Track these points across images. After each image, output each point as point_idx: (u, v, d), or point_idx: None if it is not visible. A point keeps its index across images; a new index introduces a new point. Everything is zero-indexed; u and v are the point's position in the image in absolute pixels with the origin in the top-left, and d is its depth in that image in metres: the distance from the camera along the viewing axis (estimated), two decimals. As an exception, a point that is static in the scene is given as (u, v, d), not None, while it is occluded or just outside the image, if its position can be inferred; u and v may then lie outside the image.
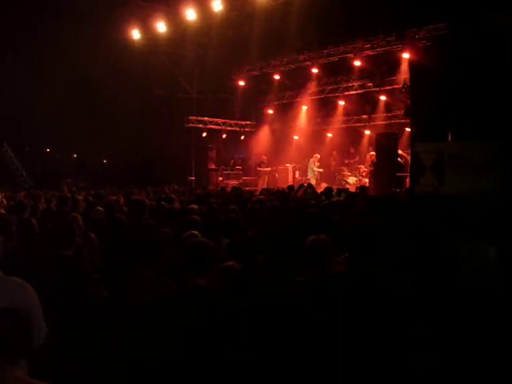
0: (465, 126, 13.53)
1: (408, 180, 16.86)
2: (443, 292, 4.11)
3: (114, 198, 12.14)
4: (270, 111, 26.70)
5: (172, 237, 5.60)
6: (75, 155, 32.16)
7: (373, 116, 23.47)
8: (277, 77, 23.69)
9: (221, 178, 24.90)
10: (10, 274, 3.33)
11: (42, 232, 5.96)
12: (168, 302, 3.88)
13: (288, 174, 24.99)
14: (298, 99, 24.86)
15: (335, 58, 21.11)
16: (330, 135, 25.94)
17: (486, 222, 5.41)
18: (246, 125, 27.31)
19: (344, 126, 25.03)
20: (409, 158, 17.40)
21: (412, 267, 4.58)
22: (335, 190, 12.71)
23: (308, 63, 21.94)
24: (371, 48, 19.43)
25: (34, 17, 21.42)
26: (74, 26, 20.17)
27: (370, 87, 21.78)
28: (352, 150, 24.96)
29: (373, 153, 21.12)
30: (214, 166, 24.78)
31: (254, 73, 24.37)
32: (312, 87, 23.39)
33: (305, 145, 25.79)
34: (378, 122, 23.11)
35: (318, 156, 23.66)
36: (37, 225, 5.97)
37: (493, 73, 12.99)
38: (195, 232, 5.63)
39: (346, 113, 24.73)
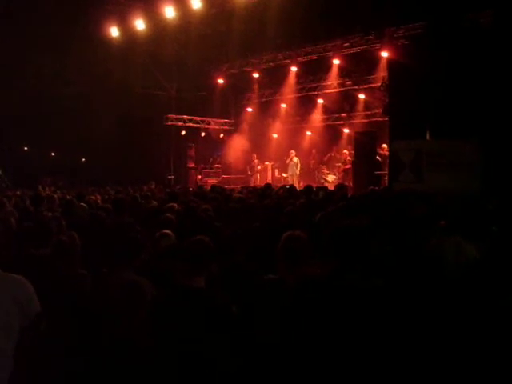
0: (443, 123, 13.62)
1: (386, 178, 16.95)
2: (430, 292, 3.99)
3: (93, 197, 12.04)
4: (250, 109, 26.60)
5: (147, 236, 5.49)
6: (53, 153, 31.84)
7: (352, 114, 23.50)
8: (256, 75, 23.70)
9: (200, 177, 24.86)
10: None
11: (19, 231, 5.90)
12: (156, 305, 3.65)
13: (267, 173, 24.99)
14: (278, 97, 24.84)
15: (314, 57, 21.21)
16: (309, 133, 25.92)
17: (462, 219, 5.42)
18: (225, 123, 27.27)
19: (323, 124, 25.02)
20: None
21: (397, 269, 4.50)
22: (315, 189, 12.68)
23: (287, 61, 22.02)
24: (350, 46, 19.56)
25: (8, 13, 21.09)
26: (51, 23, 19.92)
27: (349, 85, 21.88)
28: (331, 148, 24.88)
29: (346, 151, 21.23)
30: (193, 165, 24.67)
31: (234, 71, 24.32)
32: (291, 85, 23.38)
33: (284, 143, 25.68)
34: (357, 120, 23.13)
35: (294, 152, 23.42)
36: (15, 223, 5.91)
37: (470, 71, 13.09)
38: (168, 231, 5.57)
39: (325, 111, 24.66)
